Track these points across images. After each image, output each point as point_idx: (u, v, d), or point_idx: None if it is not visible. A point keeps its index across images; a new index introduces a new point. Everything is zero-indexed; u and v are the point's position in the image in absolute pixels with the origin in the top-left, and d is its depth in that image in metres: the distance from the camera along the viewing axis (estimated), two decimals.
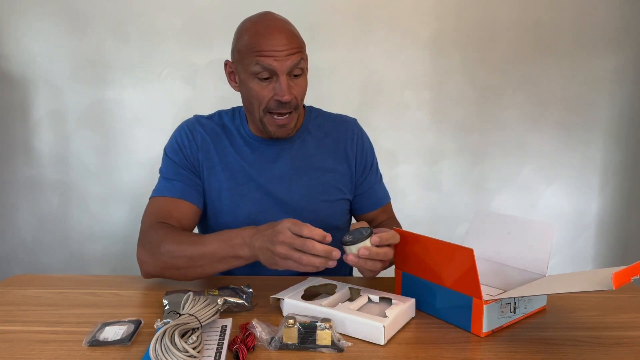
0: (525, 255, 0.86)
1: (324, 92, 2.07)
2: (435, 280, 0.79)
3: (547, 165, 2.22)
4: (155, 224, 0.98)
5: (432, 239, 0.77)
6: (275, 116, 1.00)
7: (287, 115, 1.01)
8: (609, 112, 2.19)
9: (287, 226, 0.78)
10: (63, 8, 2.02)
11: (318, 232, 0.77)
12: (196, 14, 2.04)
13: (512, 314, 0.77)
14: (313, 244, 0.75)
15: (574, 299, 0.87)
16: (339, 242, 0.82)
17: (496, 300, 0.73)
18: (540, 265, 0.84)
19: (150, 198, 1.06)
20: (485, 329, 0.72)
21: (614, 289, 0.56)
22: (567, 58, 2.14)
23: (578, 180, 2.24)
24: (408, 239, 0.81)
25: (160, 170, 1.10)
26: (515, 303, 0.77)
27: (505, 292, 0.83)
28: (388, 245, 0.82)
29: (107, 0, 2.02)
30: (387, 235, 0.81)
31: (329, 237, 0.77)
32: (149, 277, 0.94)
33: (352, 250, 0.80)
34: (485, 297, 0.72)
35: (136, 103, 2.09)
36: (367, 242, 0.79)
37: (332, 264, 0.77)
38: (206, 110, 1.19)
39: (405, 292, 0.85)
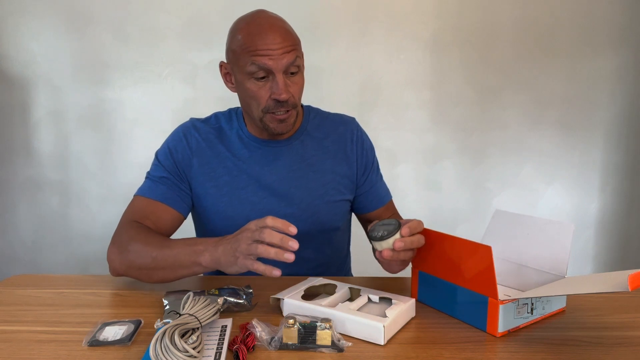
0: (545, 256, 0.85)
1: (324, 92, 2.08)
2: (451, 279, 0.78)
3: (547, 165, 2.22)
4: (130, 222, 0.96)
5: (450, 236, 0.76)
6: (275, 113, 0.98)
7: (286, 112, 0.99)
8: (609, 112, 2.19)
9: (253, 222, 0.78)
10: (63, 8, 2.02)
11: (281, 222, 0.75)
12: (196, 14, 2.04)
13: (530, 314, 0.76)
14: (270, 231, 0.74)
15: (574, 300, 0.87)
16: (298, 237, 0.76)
17: (512, 300, 0.72)
18: (560, 266, 0.83)
19: (133, 196, 1.05)
20: (501, 329, 0.72)
21: (629, 290, 0.57)
22: (567, 58, 2.14)
23: (578, 180, 2.24)
24: (426, 235, 0.81)
25: (148, 172, 1.09)
26: (532, 304, 0.76)
27: (523, 292, 0.82)
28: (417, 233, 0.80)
29: (107, 0, 2.02)
30: (414, 223, 0.79)
31: (293, 229, 0.75)
32: (116, 274, 0.92)
33: (385, 245, 0.77)
34: (502, 297, 0.72)
35: (136, 103, 2.09)
36: (398, 235, 0.77)
37: (289, 256, 0.73)
38: (206, 111, 1.18)
39: (422, 292, 0.85)
